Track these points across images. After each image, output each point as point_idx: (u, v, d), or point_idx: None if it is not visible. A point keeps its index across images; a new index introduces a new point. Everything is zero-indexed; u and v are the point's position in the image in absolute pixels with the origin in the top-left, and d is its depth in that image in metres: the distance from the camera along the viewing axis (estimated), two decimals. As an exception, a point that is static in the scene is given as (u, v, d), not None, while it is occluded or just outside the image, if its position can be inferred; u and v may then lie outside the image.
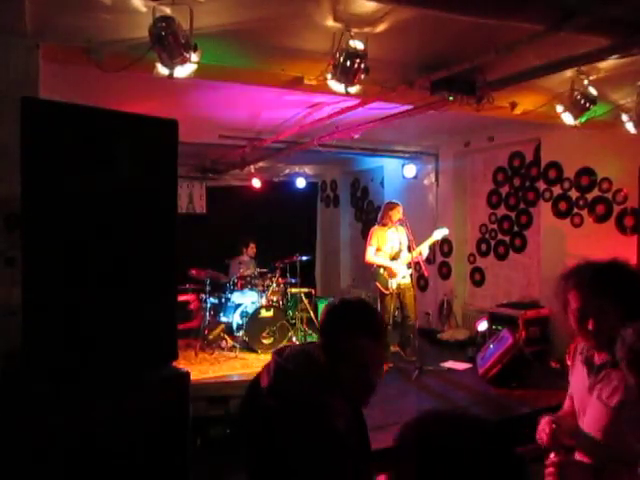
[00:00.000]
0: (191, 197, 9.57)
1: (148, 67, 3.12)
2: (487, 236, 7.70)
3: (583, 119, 4.44)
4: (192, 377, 2.54)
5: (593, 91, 4.24)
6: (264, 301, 7.19)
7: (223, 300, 7.34)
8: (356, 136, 6.28)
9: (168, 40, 2.87)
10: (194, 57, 3.03)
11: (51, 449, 2.07)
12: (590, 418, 1.84)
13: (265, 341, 6.92)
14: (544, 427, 1.96)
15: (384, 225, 6.26)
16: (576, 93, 4.22)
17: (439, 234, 6.29)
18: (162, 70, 3.08)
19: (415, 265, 6.06)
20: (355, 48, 3.31)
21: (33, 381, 2.10)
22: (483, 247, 7.76)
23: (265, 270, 7.74)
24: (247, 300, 7.25)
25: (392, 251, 6.20)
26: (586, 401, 1.88)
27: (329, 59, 3.45)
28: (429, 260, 7.39)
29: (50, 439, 2.07)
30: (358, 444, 1.75)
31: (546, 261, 6.60)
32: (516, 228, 7.27)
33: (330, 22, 3.35)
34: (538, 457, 2.06)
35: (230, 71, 3.77)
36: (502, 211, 7.46)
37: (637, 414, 1.66)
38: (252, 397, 1.69)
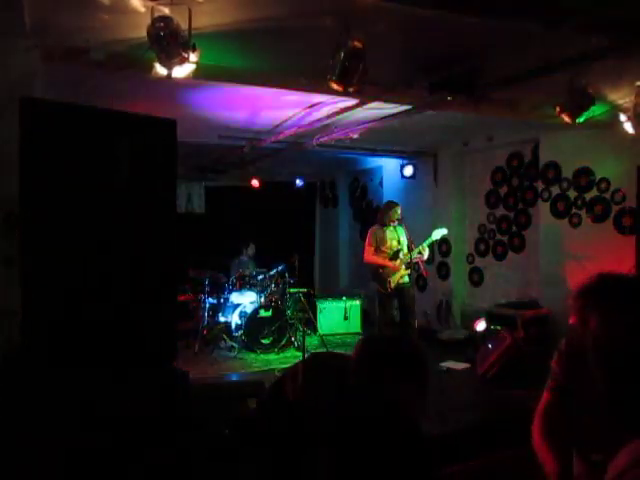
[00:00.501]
0: (190, 197, 9.57)
1: (147, 67, 3.12)
2: (486, 236, 7.70)
3: (581, 119, 4.45)
4: (191, 377, 2.54)
5: (591, 91, 4.25)
6: (263, 301, 7.19)
7: (222, 300, 7.34)
8: (355, 136, 6.28)
9: (167, 40, 2.87)
10: (193, 57, 3.02)
11: (51, 448, 2.07)
12: None
13: (264, 341, 6.92)
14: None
15: (383, 225, 6.26)
16: (574, 93, 4.22)
17: (438, 234, 6.29)
18: (160, 70, 3.07)
19: (414, 265, 6.06)
20: (354, 48, 3.31)
21: (33, 381, 2.10)
22: (482, 247, 7.77)
23: (264, 270, 7.74)
24: (246, 300, 7.26)
25: (391, 251, 6.20)
26: None
27: (328, 59, 3.45)
28: (428, 260, 7.40)
29: (50, 439, 2.07)
30: None
31: (545, 261, 6.61)
32: (514, 228, 7.28)
33: (329, 22, 3.35)
34: (531, 459, 2.06)
35: (229, 71, 3.78)
36: (501, 211, 7.47)
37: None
38: (275, 402, 1.69)
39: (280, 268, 7.65)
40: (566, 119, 4.43)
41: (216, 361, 6.55)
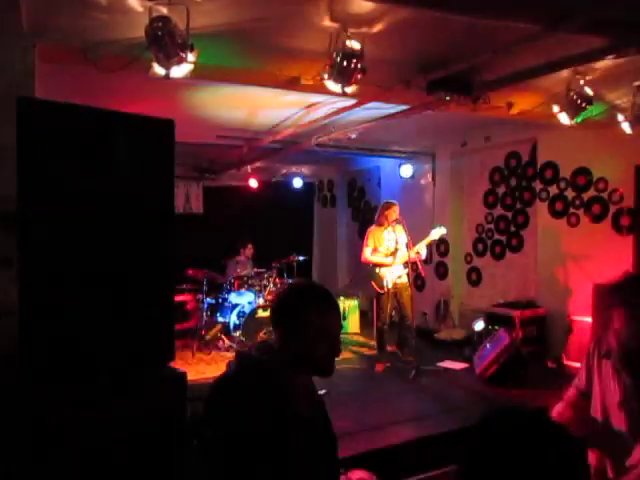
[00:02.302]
0: (188, 197, 9.55)
1: (145, 67, 3.12)
2: (484, 236, 7.71)
3: (579, 119, 4.46)
4: (189, 377, 2.53)
5: (589, 91, 4.26)
6: (261, 301, 7.18)
7: (220, 300, 7.33)
8: (353, 136, 6.29)
9: (164, 40, 2.87)
10: (191, 57, 3.02)
11: (49, 449, 2.07)
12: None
13: (262, 341, 6.91)
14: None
15: (380, 225, 6.26)
16: (572, 93, 4.23)
17: (437, 233, 6.29)
18: (158, 70, 3.07)
19: (412, 265, 6.07)
20: (352, 48, 3.31)
21: (31, 382, 2.10)
22: (480, 247, 7.77)
23: (262, 270, 7.74)
24: (244, 300, 7.25)
25: (388, 251, 6.20)
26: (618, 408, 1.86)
27: (326, 59, 3.45)
28: (426, 260, 7.40)
29: (48, 440, 2.07)
30: (323, 427, 1.81)
31: (542, 261, 6.62)
32: (512, 228, 7.28)
33: (327, 22, 3.35)
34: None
35: (227, 71, 3.77)
36: (499, 211, 7.48)
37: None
38: (217, 391, 1.76)
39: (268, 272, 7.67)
40: (564, 119, 4.44)
41: (214, 361, 6.54)
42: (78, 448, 2.12)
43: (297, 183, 9.93)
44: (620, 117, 4.81)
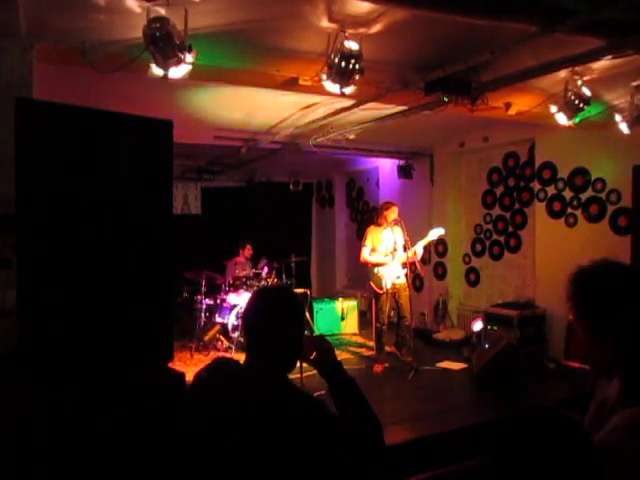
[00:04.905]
0: (186, 198, 9.55)
1: (143, 68, 3.12)
2: (482, 236, 7.72)
3: (577, 119, 4.46)
4: (187, 378, 2.53)
5: (587, 91, 4.26)
6: (260, 302, 7.16)
7: (219, 301, 7.33)
8: (351, 137, 6.29)
9: (162, 41, 2.87)
10: (189, 58, 3.02)
11: (49, 450, 2.07)
12: None
13: (261, 342, 6.90)
14: None
15: (379, 225, 6.26)
16: (570, 94, 4.24)
17: (435, 234, 6.29)
18: (156, 71, 3.07)
19: (410, 265, 6.07)
20: (350, 49, 3.32)
21: (29, 383, 2.10)
22: (478, 247, 7.78)
23: (260, 271, 7.74)
24: (243, 301, 7.24)
25: (387, 251, 6.20)
26: None
27: (324, 60, 3.45)
28: (424, 260, 7.39)
29: (48, 441, 2.07)
30: None
31: (541, 261, 6.63)
32: (511, 228, 7.29)
33: (325, 23, 3.36)
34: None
35: (225, 72, 3.77)
36: (497, 211, 7.49)
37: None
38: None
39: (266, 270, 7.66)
40: (562, 119, 4.45)
41: (213, 362, 6.53)
42: (77, 449, 2.12)
43: (295, 184, 9.93)
44: (618, 117, 4.82)
